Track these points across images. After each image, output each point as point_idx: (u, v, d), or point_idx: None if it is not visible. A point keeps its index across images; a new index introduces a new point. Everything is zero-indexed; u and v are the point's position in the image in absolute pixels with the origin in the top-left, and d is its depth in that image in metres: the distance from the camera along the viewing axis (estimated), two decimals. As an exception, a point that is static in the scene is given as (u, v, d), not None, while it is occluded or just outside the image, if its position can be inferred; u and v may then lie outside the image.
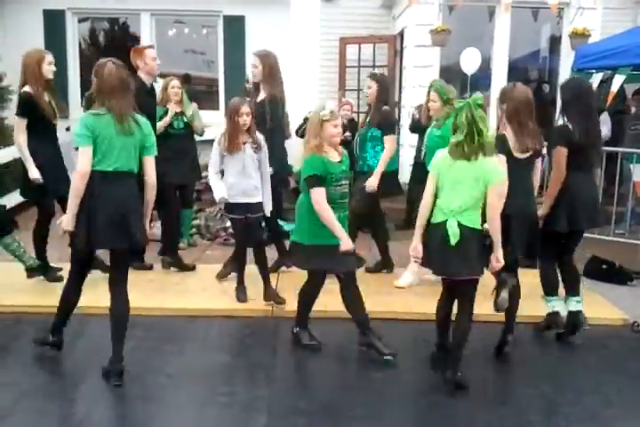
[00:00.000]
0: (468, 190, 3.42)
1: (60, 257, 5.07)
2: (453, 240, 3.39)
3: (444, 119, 4.90)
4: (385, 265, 5.60)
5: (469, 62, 7.14)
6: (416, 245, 3.56)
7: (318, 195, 3.71)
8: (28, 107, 4.78)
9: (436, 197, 3.51)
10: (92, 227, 3.39)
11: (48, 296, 4.52)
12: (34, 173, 4.78)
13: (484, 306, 3.91)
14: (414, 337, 4.31)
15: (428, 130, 5.17)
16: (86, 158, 3.38)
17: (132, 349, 3.99)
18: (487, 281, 3.77)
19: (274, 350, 4.12)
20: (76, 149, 3.45)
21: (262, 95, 5.24)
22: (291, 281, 4.84)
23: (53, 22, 9.56)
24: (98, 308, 4.21)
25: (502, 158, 3.69)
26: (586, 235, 6.35)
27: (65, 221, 3.43)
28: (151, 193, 3.59)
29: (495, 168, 3.45)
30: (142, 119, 3.57)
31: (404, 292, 5.09)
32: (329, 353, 4.08)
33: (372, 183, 5.16)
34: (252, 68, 5.36)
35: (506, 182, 3.58)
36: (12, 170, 6.52)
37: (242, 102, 4.66)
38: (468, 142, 3.36)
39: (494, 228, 3.43)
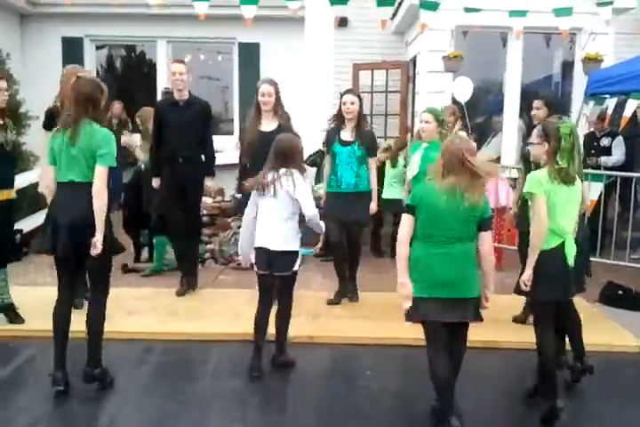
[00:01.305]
0: (574, 212, 3.57)
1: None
2: (572, 261, 3.51)
3: (443, 140, 4.97)
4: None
5: (461, 91, 7.19)
6: (529, 274, 3.49)
7: None
8: (49, 120, 4.87)
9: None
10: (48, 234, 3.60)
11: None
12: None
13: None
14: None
15: (420, 150, 5.12)
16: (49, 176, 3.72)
17: (146, 374, 3.99)
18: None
19: (287, 375, 4.09)
20: None
21: (272, 124, 5.20)
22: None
23: (72, 49, 9.79)
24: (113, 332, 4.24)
25: None
26: (601, 260, 6.37)
27: None
28: (95, 202, 3.57)
29: (585, 191, 3.65)
30: (97, 129, 3.61)
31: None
32: (342, 379, 4.05)
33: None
34: (267, 97, 5.17)
35: None
36: (29, 194, 6.59)
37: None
38: (570, 168, 3.47)
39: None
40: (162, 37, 9.94)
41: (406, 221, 3.41)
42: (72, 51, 9.77)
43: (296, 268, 4.06)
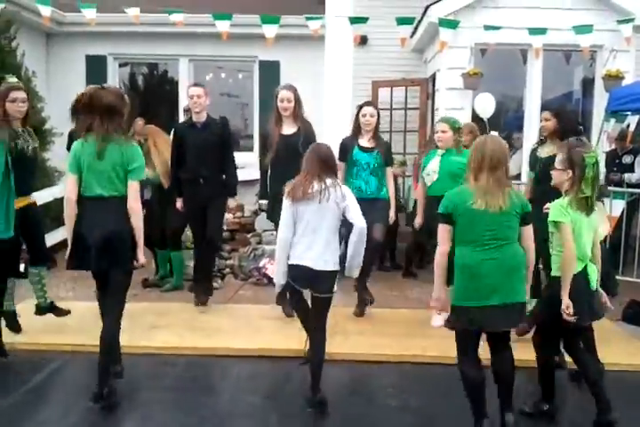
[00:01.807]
0: (594, 236, 3.61)
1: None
2: (595, 284, 3.55)
3: (458, 147, 5.15)
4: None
5: (484, 107, 7.19)
6: (568, 302, 3.44)
7: None
8: (71, 142, 4.98)
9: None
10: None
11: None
12: None
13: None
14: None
15: (437, 157, 5.18)
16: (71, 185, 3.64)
17: (167, 388, 4.00)
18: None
19: (307, 392, 4.07)
20: None
21: (293, 128, 5.31)
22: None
23: (95, 67, 9.96)
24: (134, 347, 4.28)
25: None
26: (624, 278, 6.29)
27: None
28: (134, 219, 3.59)
29: (603, 214, 3.75)
30: (125, 142, 3.61)
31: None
32: (363, 397, 4.02)
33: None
34: (286, 103, 5.29)
35: None
36: (52, 209, 6.68)
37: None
38: (592, 197, 3.51)
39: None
40: (184, 56, 10.09)
41: (444, 233, 3.36)
42: (96, 68, 9.94)
43: (335, 288, 3.79)
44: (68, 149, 5.00)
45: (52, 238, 6.35)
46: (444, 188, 4.06)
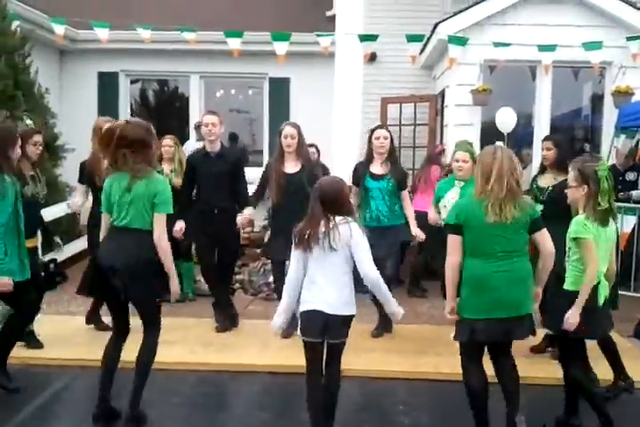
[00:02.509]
0: (610, 251, 3.61)
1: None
2: (602, 300, 3.53)
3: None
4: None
5: (505, 121, 7.19)
6: (576, 315, 3.43)
7: None
8: (81, 173, 5.16)
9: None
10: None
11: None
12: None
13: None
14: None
15: (456, 188, 5.05)
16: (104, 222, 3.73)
17: (176, 405, 3.99)
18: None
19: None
20: None
21: (296, 166, 5.29)
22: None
23: (107, 83, 10.09)
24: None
25: None
26: (635, 294, 6.25)
27: None
28: (161, 253, 3.57)
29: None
30: (153, 175, 3.62)
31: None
32: (375, 413, 4.00)
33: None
34: (290, 139, 5.24)
35: None
36: (63, 224, 6.72)
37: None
38: (610, 209, 3.53)
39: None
40: (195, 73, 10.19)
41: (455, 244, 3.35)
42: (108, 85, 10.06)
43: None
44: (80, 181, 5.09)
45: (63, 253, 6.38)
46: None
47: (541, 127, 7.79)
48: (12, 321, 4.14)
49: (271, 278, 6.63)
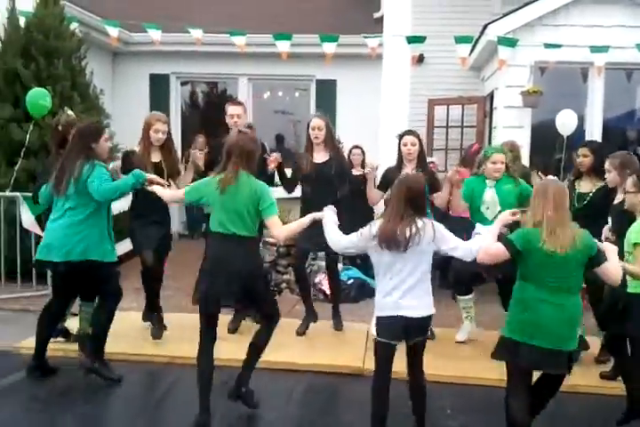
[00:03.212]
0: None
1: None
2: None
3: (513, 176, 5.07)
4: None
5: (566, 123, 7.06)
6: None
7: None
8: (125, 164, 5.11)
9: None
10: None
11: (151, 345, 4.84)
12: None
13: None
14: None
15: (491, 189, 5.04)
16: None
17: (218, 402, 4.06)
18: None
19: (361, 410, 4.06)
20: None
21: (324, 156, 5.34)
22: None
23: (158, 85, 10.31)
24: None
25: None
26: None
27: None
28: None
29: None
30: (255, 182, 3.69)
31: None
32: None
33: None
34: (317, 131, 5.31)
35: None
36: (117, 224, 6.87)
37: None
38: None
39: None
40: (243, 75, 10.33)
41: (499, 251, 3.30)
42: (159, 87, 10.29)
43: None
44: (124, 172, 5.01)
45: (118, 250, 6.50)
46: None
47: (593, 130, 7.66)
48: (100, 312, 4.31)
49: (317, 279, 6.71)
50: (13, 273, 6.33)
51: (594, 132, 7.62)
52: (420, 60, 8.99)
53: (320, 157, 5.38)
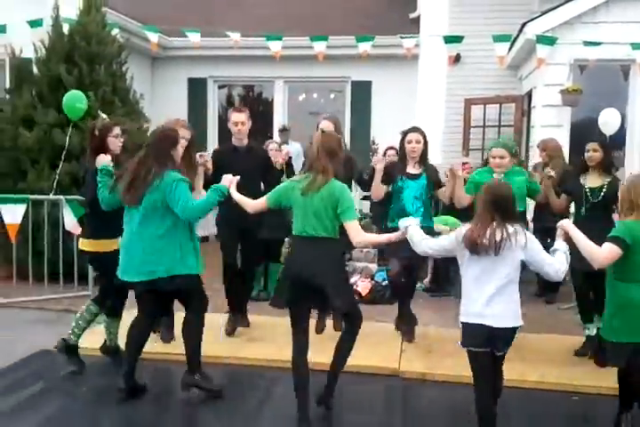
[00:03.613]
0: None
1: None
2: None
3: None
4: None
5: (610, 122, 6.92)
6: None
7: None
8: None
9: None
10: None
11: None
12: None
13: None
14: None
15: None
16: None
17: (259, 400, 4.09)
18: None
19: (404, 412, 4.05)
20: None
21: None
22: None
23: (196, 89, 10.47)
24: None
25: None
26: None
27: None
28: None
29: None
30: (336, 184, 3.61)
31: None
32: (453, 418, 3.97)
33: None
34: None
35: None
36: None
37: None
38: None
39: None
40: (279, 78, 10.40)
41: (614, 251, 3.33)
42: (197, 90, 10.44)
43: None
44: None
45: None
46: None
47: (634, 129, 7.51)
48: (192, 326, 4.06)
49: (352, 280, 6.63)
50: (56, 274, 6.48)
51: (635, 131, 7.48)
52: (457, 59, 8.94)
53: None
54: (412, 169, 5.19)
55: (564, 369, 4.08)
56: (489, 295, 3.24)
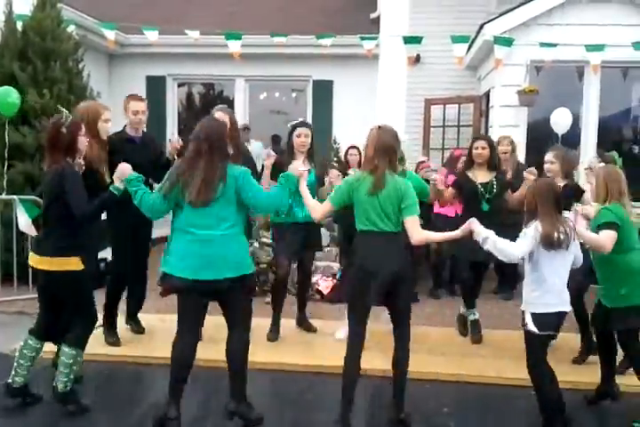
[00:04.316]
0: None
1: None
2: None
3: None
4: None
5: (560, 122, 7.08)
6: None
7: None
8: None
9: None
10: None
11: (139, 348, 4.83)
12: None
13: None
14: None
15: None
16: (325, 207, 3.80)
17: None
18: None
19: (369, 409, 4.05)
20: None
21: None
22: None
23: (155, 87, 10.32)
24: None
25: None
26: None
27: None
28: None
29: None
30: (399, 179, 3.60)
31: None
32: (420, 415, 3.99)
33: None
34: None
35: None
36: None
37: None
38: None
39: None
40: (240, 76, 10.33)
41: (613, 238, 3.72)
42: (155, 88, 10.28)
43: None
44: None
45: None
46: None
47: (588, 128, 7.68)
48: (241, 341, 3.69)
49: (314, 279, 6.61)
50: (9, 276, 6.33)
51: (589, 131, 7.65)
52: (417, 60, 9.01)
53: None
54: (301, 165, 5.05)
55: (523, 364, 4.12)
56: (564, 285, 3.61)
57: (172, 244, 3.59)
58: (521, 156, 7.14)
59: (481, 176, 5.12)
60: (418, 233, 3.57)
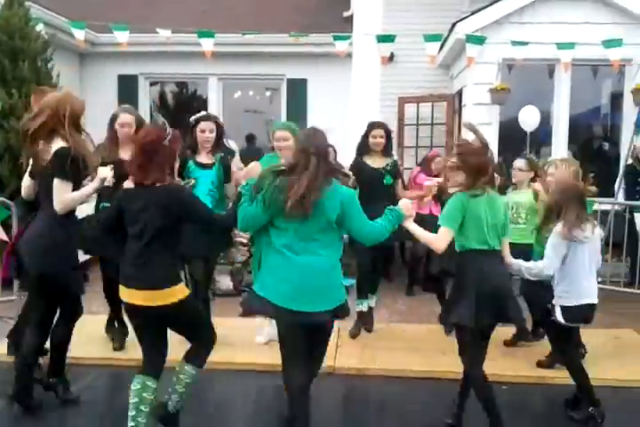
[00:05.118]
0: None
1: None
2: None
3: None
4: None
5: (528, 120, 7.16)
6: None
7: None
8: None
9: None
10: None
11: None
12: None
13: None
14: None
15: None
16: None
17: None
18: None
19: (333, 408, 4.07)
20: None
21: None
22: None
23: (127, 86, 10.20)
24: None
25: None
26: None
27: None
28: None
29: None
30: (496, 197, 3.56)
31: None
32: (391, 413, 4.01)
33: None
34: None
35: None
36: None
37: None
38: None
39: None
40: (213, 75, 10.26)
41: None
42: (127, 87, 10.17)
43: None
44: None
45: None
46: None
47: (559, 126, 7.76)
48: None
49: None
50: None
51: (560, 128, 7.73)
52: (390, 58, 9.01)
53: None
54: (204, 158, 4.92)
55: (494, 360, 4.15)
56: (589, 279, 3.82)
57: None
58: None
59: (377, 162, 5.37)
60: (508, 256, 3.72)
